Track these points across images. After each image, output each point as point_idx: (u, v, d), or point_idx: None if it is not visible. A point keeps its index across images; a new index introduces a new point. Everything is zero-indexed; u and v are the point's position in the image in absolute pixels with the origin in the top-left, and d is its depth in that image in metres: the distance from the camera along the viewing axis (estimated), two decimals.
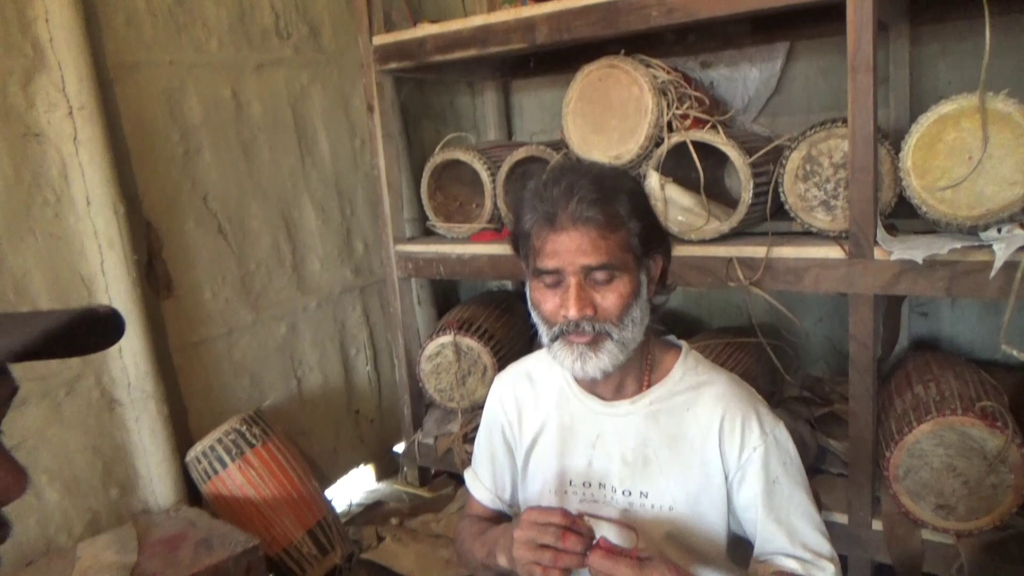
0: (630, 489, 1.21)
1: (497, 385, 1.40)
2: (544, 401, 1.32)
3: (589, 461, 1.24)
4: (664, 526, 1.20)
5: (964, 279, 1.70)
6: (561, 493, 1.27)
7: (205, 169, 2.29)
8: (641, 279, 1.15)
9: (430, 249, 2.55)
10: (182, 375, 2.23)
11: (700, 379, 1.22)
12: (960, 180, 1.63)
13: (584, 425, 1.25)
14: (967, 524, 1.79)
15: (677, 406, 1.20)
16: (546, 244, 1.10)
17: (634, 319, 1.12)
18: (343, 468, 2.78)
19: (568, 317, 1.09)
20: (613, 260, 1.09)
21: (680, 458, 1.19)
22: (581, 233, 1.08)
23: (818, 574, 1.12)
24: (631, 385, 1.23)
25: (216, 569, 1.71)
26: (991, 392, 1.84)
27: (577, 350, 1.11)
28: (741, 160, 1.96)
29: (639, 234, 1.13)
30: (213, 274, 2.31)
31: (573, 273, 1.09)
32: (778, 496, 1.15)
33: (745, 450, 1.16)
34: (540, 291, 1.14)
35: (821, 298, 2.62)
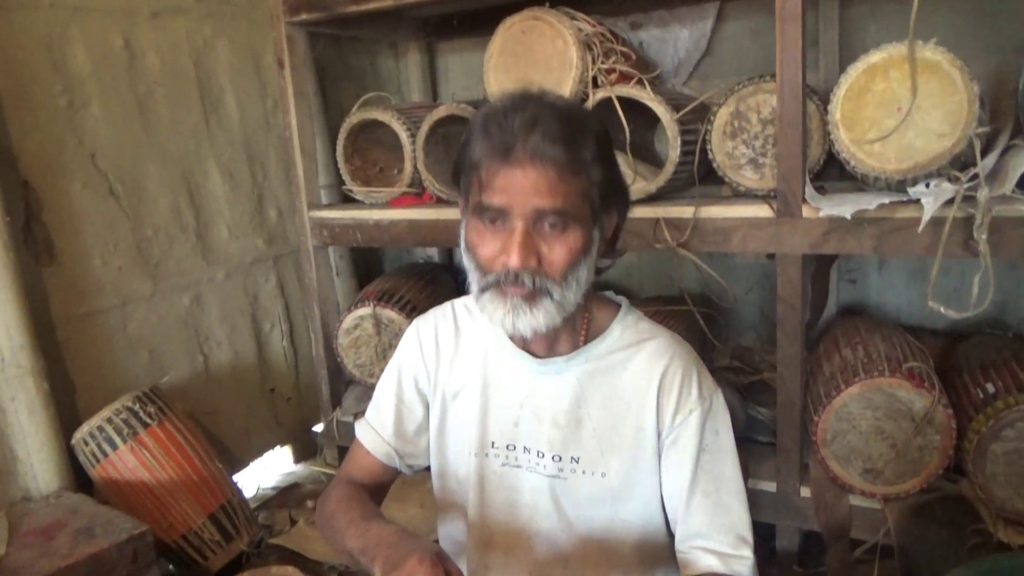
0: (560, 454, 1.11)
1: (416, 329, 1.23)
2: (469, 351, 1.18)
3: (515, 422, 1.13)
4: (596, 496, 1.10)
5: (892, 236, 1.65)
6: (481, 456, 1.15)
7: (93, 125, 2.09)
8: (594, 235, 1.02)
9: (347, 215, 2.40)
10: (68, 349, 2.04)
11: (640, 336, 1.11)
12: (889, 132, 1.57)
13: (512, 382, 1.14)
14: (894, 488, 1.75)
15: (615, 364, 1.10)
16: (496, 178, 0.96)
17: (579, 279, 1.00)
18: (257, 450, 2.62)
19: (509, 266, 0.96)
20: (569, 207, 0.96)
21: (615, 421, 1.09)
22: (539, 172, 0.94)
23: (738, 566, 1.04)
24: (566, 341, 1.12)
25: (96, 558, 1.55)
26: (918, 354, 1.81)
27: (510, 303, 0.99)
28: (668, 116, 1.87)
29: (600, 184, 1.00)
30: (103, 240, 2.12)
31: (522, 216, 0.95)
32: (708, 465, 1.07)
33: (680, 412, 1.07)
34: (478, 231, 1.01)
35: (752, 267, 2.57)
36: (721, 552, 1.04)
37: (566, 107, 1.00)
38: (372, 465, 1.23)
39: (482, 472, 1.15)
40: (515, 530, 1.14)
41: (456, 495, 1.20)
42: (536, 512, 1.13)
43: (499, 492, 1.15)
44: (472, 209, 1.02)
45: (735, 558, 1.04)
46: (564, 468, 1.10)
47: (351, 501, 1.14)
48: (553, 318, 1.00)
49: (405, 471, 1.26)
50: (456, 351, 1.19)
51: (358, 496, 1.17)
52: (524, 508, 1.13)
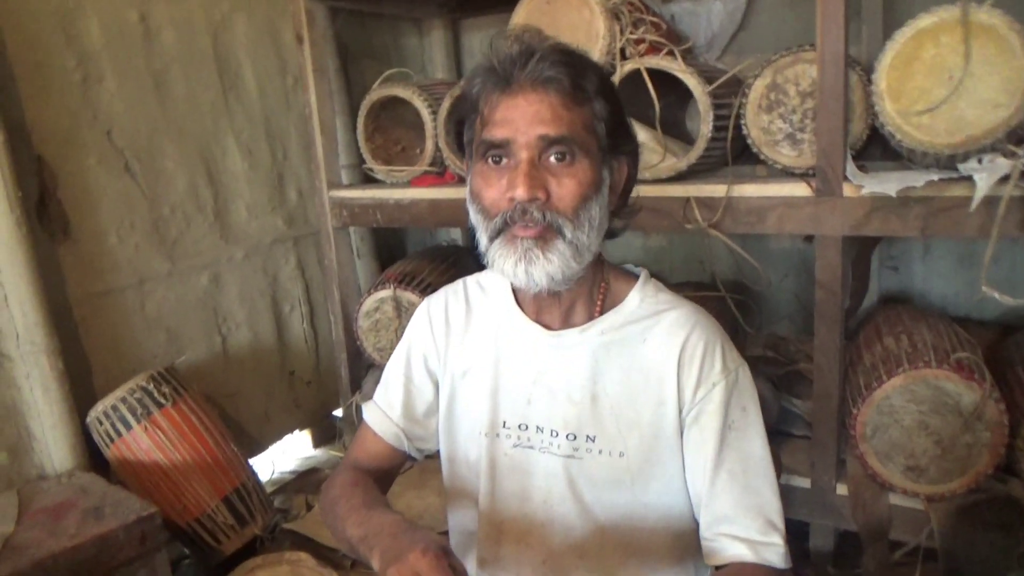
0: (575, 433, 1.03)
1: (427, 305, 1.18)
2: (480, 328, 1.12)
3: (528, 399, 1.06)
4: (614, 478, 1.02)
5: (941, 217, 1.53)
6: (492, 436, 1.08)
7: (108, 100, 2.05)
8: (604, 175, 0.96)
9: (366, 195, 2.34)
10: (84, 328, 2.01)
11: (660, 306, 1.04)
12: (939, 103, 1.45)
13: (525, 357, 1.07)
14: (939, 487, 1.64)
15: (632, 336, 1.02)
16: (496, 111, 0.92)
17: (591, 218, 0.94)
18: (276, 433, 2.58)
19: (516, 198, 0.90)
20: (575, 136, 0.91)
21: (634, 396, 1.01)
22: (540, 97, 0.90)
23: (769, 553, 0.96)
24: (581, 312, 1.05)
25: (103, 539, 1.51)
26: (966, 345, 1.69)
27: (522, 247, 0.92)
28: (700, 88, 1.77)
29: (607, 120, 0.95)
30: (120, 217, 2.08)
31: (526, 146, 0.91)
32: (735, 444, 0.99)
33: (703, 385, 0.99)
34: (483, 175, 0.95)
35: (788, 252, 2.46)
36: (749, 539, 0.96)
37: (565, 43, 0.97)
38: (380, 448, 1.18)
39: (493, 454, 1.08)
40: (528, 516, 1.07)
41: (466, 480, 1.14)
42: (550, 496, 1.05)
43: (511, 475, 1.08)
44: (476, 152, 0.96)
45: (764, 545, 0.95)
46: (579, 448, 1.03)
47: (355, 487, 1.09)
48: (568, 263, 0.93)
49: (414, 455, 1.20)
50: (467, 328, 1.13)
51: (363, 483, 1.11)
52: (538, 492, 1.06)
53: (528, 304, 1.07)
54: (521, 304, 1.09)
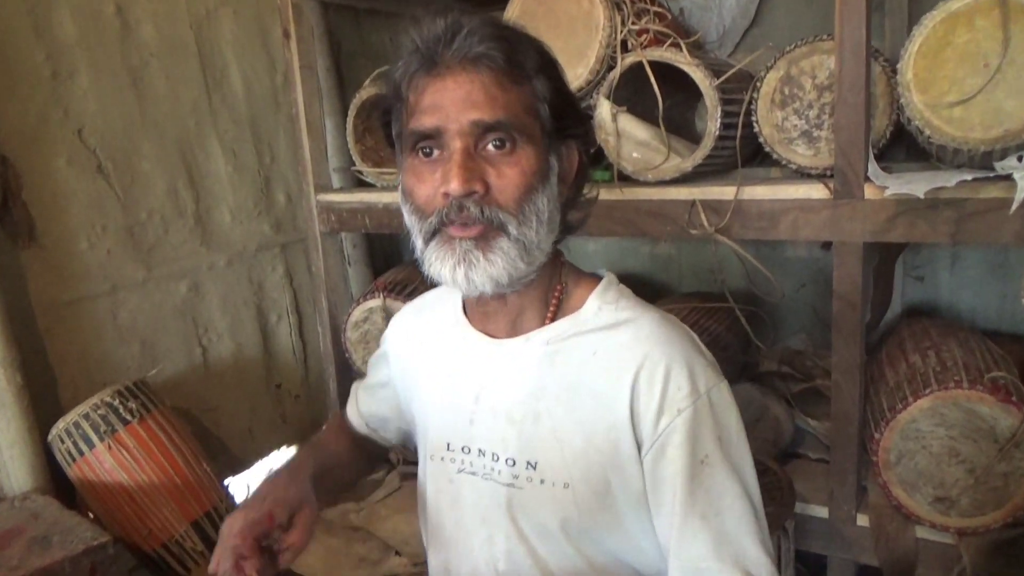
0: (514, 458, 0.90)
1: (395, 318, 1.14)
2: (434, 340, 1.01)
3: (471, 419, 0.94)
4: (557, 514, 0.88)
5: (974, 221, 1.38)
6: (438, 460, 0.97)
7: (80, 97, 1.94)
8: (551, 163, 0.85)
9: (355, 199, 2.22)
10: (50, 339, 1.89)
11: (620, 316, 0.90)
12: (974, 93, 1.30)
13: (468, 371, 0.95)
14: (971, 521, 1.48)
15: (582, 348, 0.89)
16: (423, 96, 0.81)
17: (539, 212, 0.82)
18: (261, 450, 2.45)
19: (450, 193, 0.79)
20: (513, 120, 0.80)
21: (580, 419, 0.87)
22: (471, 77, 0.79)
23: None
24: (531, 319, 0.92)
25: (47, 572, 1.38)
26: (1002, 363, 1.53)
27: (460, 249, 0.81)
28: (707, 83, 1.63)
29: (549, 100, 0.84)
30: (91, 222, 1.96)
31: (459, 133, 0.79)
32: (708, 483, 0.83)
33: (666, 412, 0.84)
34: (414, 170, 0.84)
35: (804, 261, 2.30)
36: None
37: (496, 17, 0.89)
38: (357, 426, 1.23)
39: (438, 481, 0.97)
40: (471, 555, 0.94)
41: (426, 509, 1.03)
42: (493, 532, 0.92)
43: (454, 508, 0.96)
44: (404, 146, 0.85)
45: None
46: (519, 475, 0.89)
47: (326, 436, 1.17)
48: (513, 264, 0.82)
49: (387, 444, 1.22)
50: (423, 341, 1.03)
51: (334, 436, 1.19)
52: (481, 528, 0.93)
53: (474, 310, 0.96)
54: (468, 312, 0.98)
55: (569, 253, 0.98)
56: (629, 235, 1.96)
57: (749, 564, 0.82)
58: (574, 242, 0.99)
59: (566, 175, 0.89)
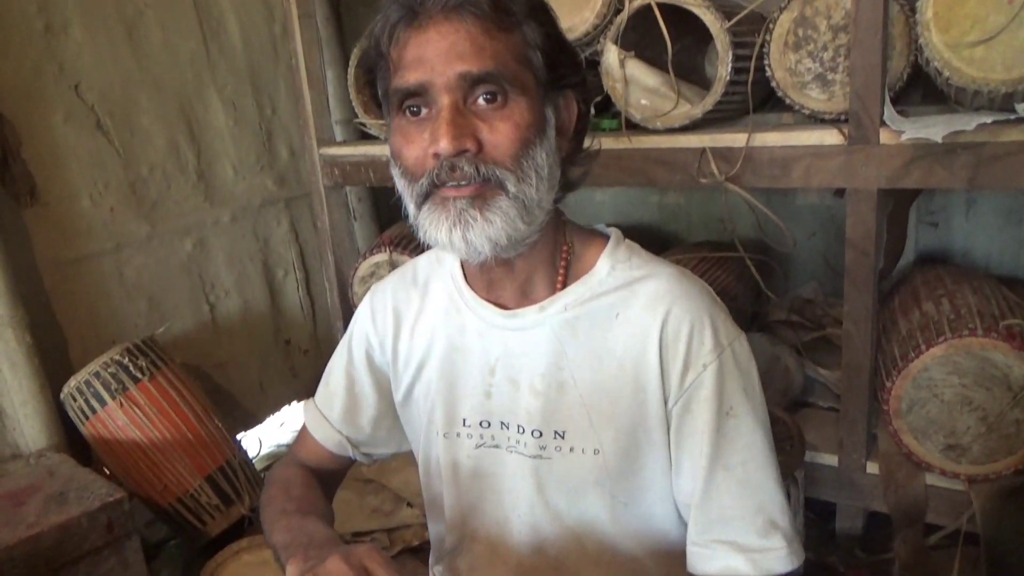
0: (540, 429, 0.87)
1: (370, 296, 1.02)
2: (431, 313, 0.96)
3: (487, 392, 0.90)
4: (587, 480, 0.86)
5: (993, 165, 1.34)
6: (452, 437, 0.93)
7: (75, 51, 1.89)
8: (547, 115, 0.79)
9: (358, 152, 2.18)
10: (57, 297, 1.89)
11: (634, 274, 0.86)
12: (996, 32, 1.25)
13: (479, 343, 0.91)
14: (982, 467, 1.48)
15: (602, 311, 0.85)
16: (405, 51, 0.75)
17: (538, 167, 0.77)
18: (272, 405, 2.47)
19: (440, 153, 0.74)
20: (503, 70, 0.74)
21: (607, 384, 0.85)
22: (455, 27, 0.73)
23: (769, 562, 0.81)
24: (541, 287, 0.87)
25: (63, 528, 1.40)
26: (1016, 310, 1.51)
27: (455, 209, 0.76)
28: (717, 25, 1.57)
29: (542, 47, 0.77)
30: (92, 179, 1.94)
31: (446, 88, 0.74)
32: (731, 434, 0.82)
33: (692, 368, 0.82)
34: (402, 131, 0.78)
35: (816, 208, 2.26)
36: (748, 547, 0.81)
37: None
38: (322, 453, 1.04)
39: (454, 457, 0.93)
40: (498, 525, 0.93)
41: (434, 486, 0.99)
42: (518, 501, 0.90)
43: (475, 480, 0.93)
44: (392, 106, 0.79)
45: (764, 552, 0.81)
46: (547, 446, 0.87)
47: (291, 489, 0.96)
48: (513, 223, 0.76)
49: (362, 460, 1.06)
50: (420, 314, 0.97)
51: (303, 484, 0.99)
52: (506, 497, 0.91)
53: (477, 279, 0.91)
54: (470, 280, 0.92)
55: (576, 203, 0.94)
56: (638, 185, 1.93)
57: (768, 507, 0.82)
58: (580, 193, 0.95)
59: (564, 128, 0.84)
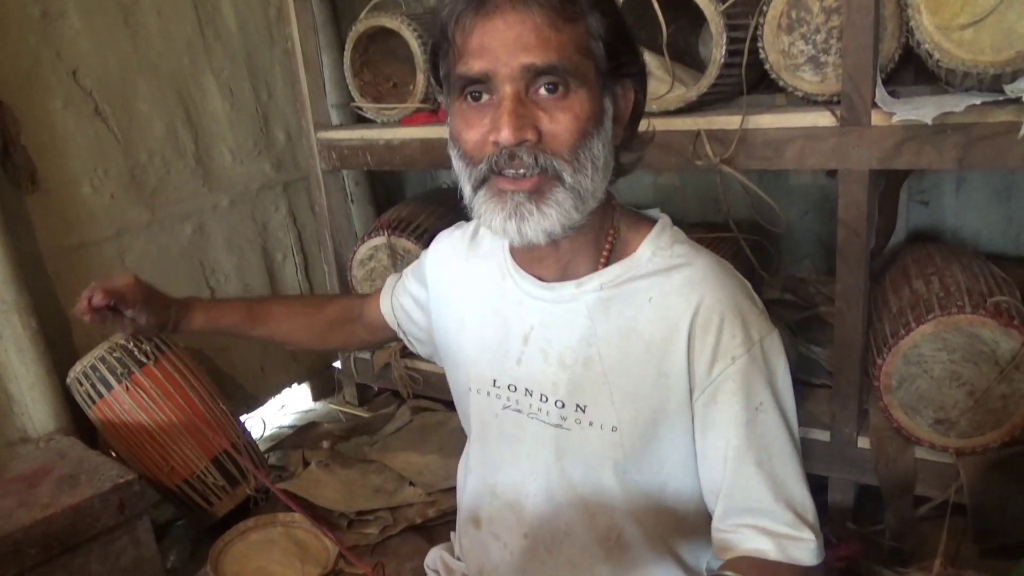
0: (563, 400, 0.91)
1: (436, 242, 1.12)
2: (479, 275, 1.00)
3: (519, 359, 0.94)
4: (603, 455, 0.90)
5: (982, 145, 1.37)
6: (484, 395, 0.98)
7: (72, 37, 1.90)
8: (606, 105, 0.81)
9: (355, 135, 2.19)
10: (60, 283, 1.91)
11: (674, 261, 0.88)
12: (985, 14, 1.28)
13: (517, 312, 0.94)
14: (970, 441, 1.52)
15: (636, 293, 0.88)
16: (471, 38, 0.77)
17: (594, 158, 0.79)
18: (273, 388, 2.50)
19: (500, 142, 0.76)
20: (566, 63, 0.76)
21: (632, 364, 0.87)
22: (522, 17, 0.74)
23: (796, 550, 0.84)
24: (583, 263, 0.90)
25: (77, 509, 1.44)
26: (1005, 287, 1.54)
27: (512, 202, 0.79)
28: (711, 8, 1.59)
29: (604, 38, 0.79)
30: (92, 165, 1.95)
31: (509, 78, 0.76)
32: (761, 429, 0.84)
33: (721, 359, 0.84)
34: (463, 115, 0.81)
35: (808, 187, 2.29)
36: (777, 533, 0.84)
37: None
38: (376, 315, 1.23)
39: (482, 414, 0.99)
40: (515, 485, 0.98)
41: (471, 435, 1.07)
42: (536, 466, 0.95)
43: (500, 440, 0.98)
44: (452, 88, 0.81)
45: (794, 540, 0.84)
46: (568, 417, 0.91)
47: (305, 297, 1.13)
48: (568, 214, 0.80)
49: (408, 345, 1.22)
50: (468, 273, 1.02)
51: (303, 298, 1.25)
52: (525, 461, 0.96)
53: (523, 253, 0.94)
54: (515, 252, 0.96)
55: None
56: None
57: (797, 502, 0.85)
58: None
59: (621, 116, 0.86)
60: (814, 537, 0.84)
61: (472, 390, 0.99)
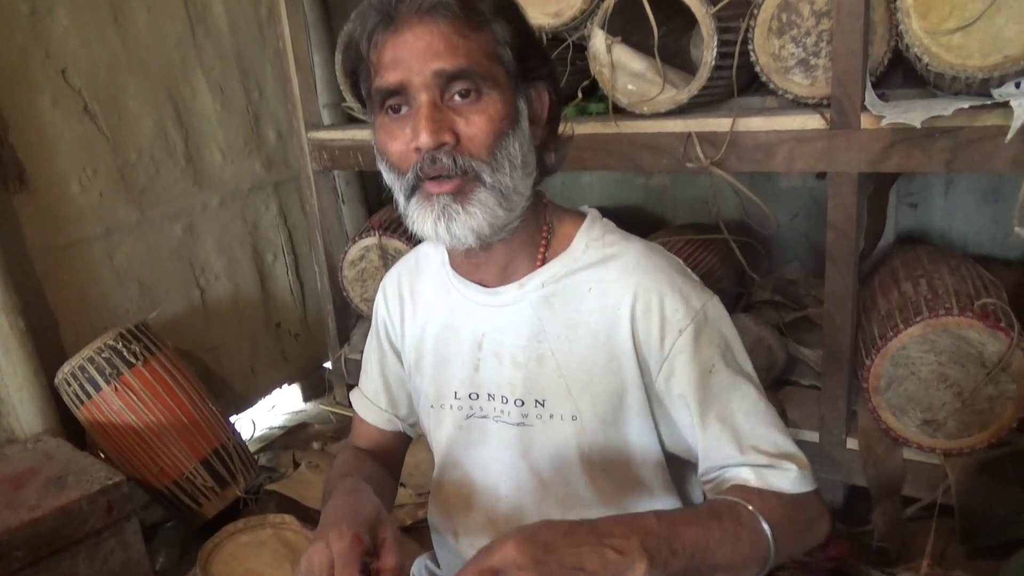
0: (522, 398, 0.93)
1: (384, 281, 1.10)
2: (427, 295, 1.02)
3: (475, 366, 0.96)
4: (567, 443, 0.93)
5: (970, 149, 1.38)
6: (447, 408, 0.99)
7: (61, 35, 1.89)
8: (519, 106, 0.85)
9: (346, 136, 2.19)
10: (48, 283, 1.90)
11: (607, 251, 0.91)
12: (973, 18, 1.29)
13: (467, 321, 0.97)
14: (957, 442, 1.53)
15: (577, 286, 0.91)
16: (384, 53, 0.80)
17: (511, 156, 0.83)
18: (263, 388, 2.49)
19: (420, 147, 0.79)
20: (476, 67, 0.80)
21: (583, 354, 0.90)
22: (429, 28, 0.79)
23: (776, 478, 0.84)
24: (522, 264, 0.93)
25: (65, 511, 1.43)
26: (992, 289, 1.56)
27: (439, 204, 0.81)
28: (702, 10, 1.59)
29: (511, 42, 0.83)
30: (81, 164, 1.94)
31: (423, 86, 0.79)
32: (717, 388, 0.87)
33: (668, 335, 0.87)
34: (385, 128, 0.84)
35: (798, 190, 2.30)
36: (755, 464, 0.85)
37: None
38: (375, 435, 1.12)
39: (446, 428, 0.99)
40: (486, 490, 0.99)
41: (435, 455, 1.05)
42: (504, 469, 0.97)
43: (467, 449, 0.99)
44: (374, 105, 0.84)
45: (771, 469, 0.85)
46: (528, 414, 0.93)
47: (347, 466, 1.03)
48: (492, 212, 0.82)
49: (412, 434, 1.14)
50: (419, 297, 1.03)
51: (355, 462, 1.05)
52: (493, 464, 0.97)
53: (461, 262, 0.96)
54: (456, 262, 0.97)
55: (563, 186, 0.98)
56: (625, 169, 1.96)
57: (767, 447, 0.86)
58: (567, 175, 0.99)
59: (537, 117, 0.89)
60: (794, 467, 0.85)
61: (433, 407, 1.01)
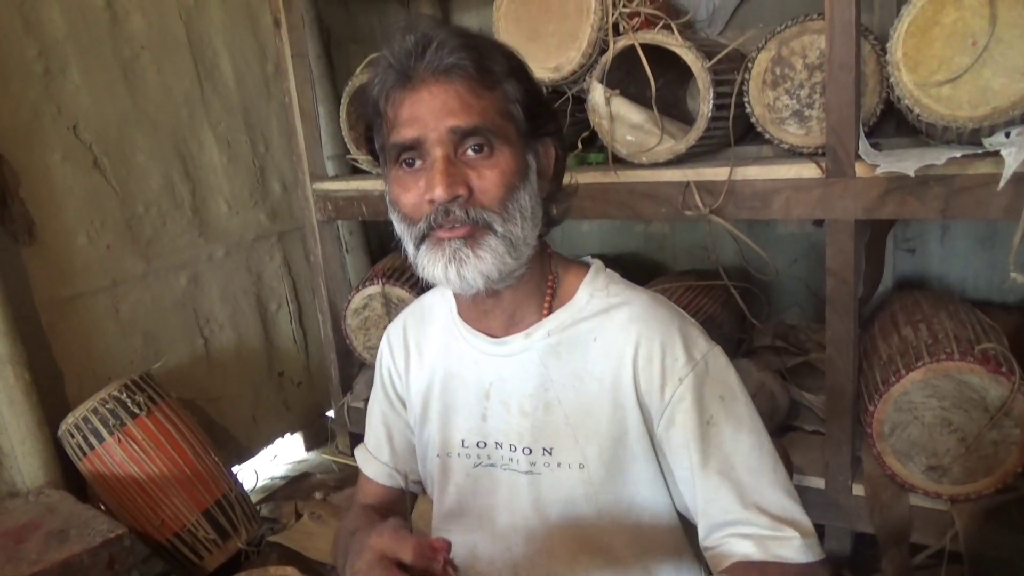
0: (530, 446, 0.95)
1: (388, 332, 1.12)
2: (433, 345, 1.04)
3: (483, 415, 0.98)
4: (576, 491, 0.93)
5: (963, 196, 1.41)
6: (454, 456, 1.01)
7: (73, 92, 1.93)
8: (528, 161, 0.89)
9: (351, 186, 2.23)
10: (54, 335, 1.91)
11: (611, 301, 0.94)
12: (961, 71, 1.32)
13: (474, 371, 0.98)
14: (963, 487, 1.52)
15: (582, 336, 0.93)
16: (401, 109, 0.84)
17: (522, 208, 0.86)
18: (266, 438, 2.48)
19: (435, 200, 0.82)
20: (489, 124, 0.83)
21: (589, 403, 0.92)
22: (444, 87, 0.82)
23: (780, 547, 0.83)
24: (528, 315, 0.95)
25: (66, 565, 1.42)
26: (992, 334, 1.57)
27: (450, 248, 0.84)
28: (699, 64, 1.64)
29: (521, 101, 0.87)
30: (89, 217, 1.97)
31: (439, 142, 0.82)
32: (716, 440, 0.87)
33: (668, 384, 0.88)
34: (399, 181, 0.87)
35: (796, 236, 2.33)
36: (755, 535, 0.84)
37: (462, 27, 0.89)
38: (380, 492, 1.12)
39: (454, 476, 1.00)
40: (495, 539, 0.99)
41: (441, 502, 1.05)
42: (514, 514, 0.97)
43: (475, 498, 0.99)
44: (388, 158, 0.88)
45: (775, 539, 0.84)
46: (537, 462, 0.94)
47: (352, 523, 1.02)
48: (502, 259, 0.85)
49: (416, 490, 1.13)
50: (425, 347, 1.05)
51: (363, 514, 1.06)
52: (504, 513, 0.98)
53: (470, 311, 0.98)
54: (464, 312, 1.00)
55: (564, 234, 1.01)
56: (624, 217, 1.99)
57: (771, 508, 0.85)
58: (568, 223, 1.02)
59: (544, 171, 0.93)
60: (799, 534, 0.84)
61: (443, 455, 1.02)
